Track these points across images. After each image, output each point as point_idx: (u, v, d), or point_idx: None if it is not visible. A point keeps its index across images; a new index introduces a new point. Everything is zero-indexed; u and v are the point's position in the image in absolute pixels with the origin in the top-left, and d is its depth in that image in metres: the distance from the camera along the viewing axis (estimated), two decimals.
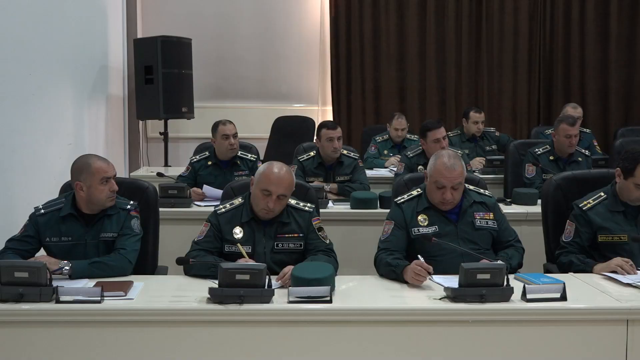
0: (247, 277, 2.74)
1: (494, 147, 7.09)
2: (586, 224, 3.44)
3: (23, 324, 2.74)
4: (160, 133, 7.77)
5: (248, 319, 2.74)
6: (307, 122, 7.69)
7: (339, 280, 3.08)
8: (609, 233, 3.41)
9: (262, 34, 8.45)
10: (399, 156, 6.13)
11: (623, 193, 3.43)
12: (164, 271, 3.61)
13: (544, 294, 2.82)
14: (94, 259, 3.18)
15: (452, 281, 2.88)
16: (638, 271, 3.21)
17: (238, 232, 3.31)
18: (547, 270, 3.60)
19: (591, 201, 3.48)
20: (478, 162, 6.44)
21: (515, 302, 2.80)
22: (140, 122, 8.17)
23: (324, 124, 5.42)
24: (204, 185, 5.01)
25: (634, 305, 2.79)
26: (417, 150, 5.57)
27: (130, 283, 2.97)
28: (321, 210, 4.12)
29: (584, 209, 3.46)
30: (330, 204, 4.86)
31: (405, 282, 3.06)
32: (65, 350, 2.73)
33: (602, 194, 3.50)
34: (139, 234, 3.36)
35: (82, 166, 3.30)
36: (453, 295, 2.79)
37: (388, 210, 3.56)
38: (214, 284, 2.83)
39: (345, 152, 5.42)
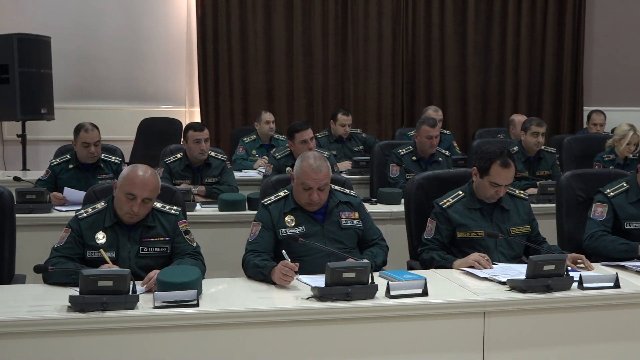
0: (110, 283, 2.66)
1: (360, 148, 7.26)
2: (446, 221, 3.58)
3: None
4: (18, 135, 7.40)
5: (111, 327, 2.66)
6: (174, 123, 7.56)
7: (207, 283, 3.05)
8: (466, 229, 3.56)
9: (126, 32, 8.21)
10: (267, 157, 6.15)
11: (479, 191, 3.60)
12: (21, 280, 3.44)
13: (406, 290, 2.90)
14: None
15: (319, 280, 2.92)
16: (494, 265, 3.37)
17: (101, 237, 3.21)
18: (410, 267, 3.71)
19: (450, 199, 3.62)
20: (347, 165, 6.56)
21: (380, 299, 2.86)
22: None
23: (191, 126, 5.35)
24: (65, 188, 4.82)
25: (489, 298, 2.93)
26: (285, 151, 5.60)
27: None
28: (189, 213, 4.07)
29: (443, 207, 3.60)
30: (198, 206, 4.81)
31: (273, 283, 3.08)
32: None
33: (460, 192, 3.65)
34: None
35: None
36: (320, 295, 2.82)
37: (256, 212, 3.56)
38: (75, 291, 2.72)
39: (213, 153, 5.38)
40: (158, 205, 3.33)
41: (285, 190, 3.52)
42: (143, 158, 6.38)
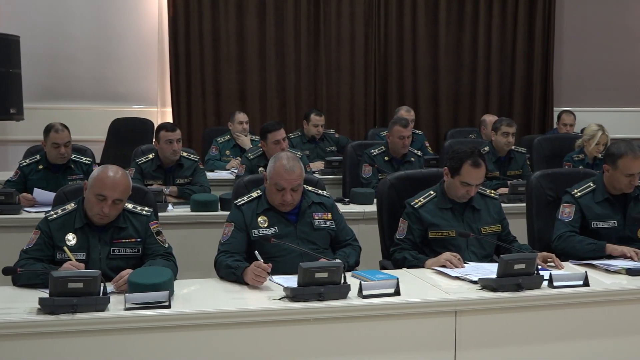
0: (80, 285, 2.63)
1: (333, 148, 7.27)
2: (417, 221, 3.59)
3: None
4: None
5: (82, 329, 2.63)
6: (145, 124, 7.50)
7: (179, 284, 3.04)
8: (438, 229, 3.58)
9: (97, 32, 8.11)
10: (240, 158, 6.14)
11: (450, 191, 3.62)
12: None
13: (378, 290, 2.91)
14: None
15: (292, 281, 2.92)
16: (465, 264, 3.40)
17: (71, 239, 3.17)
18: (382, 267, 3.72)
19: (422, 199, 3.64)
20: (320, 165, 6.57)
21: (352, 299, 2.87)
22: None
23: (163, 126, 5.32)
24: (35, 189, 4.77)
25: (461, 297, 2.95)
26: (257, 152, 5.59)
27: None
28: (161, 214, 4.05)
29: (415, 207, 3.61)
30: (170, 207, 4.78)
31: (246, 284, 3.07)
32: None
33: (432, 192, 3.67)
34: None
35: None
36: (292, 295, 2.82)
37: (229, 213, 3.55)
38: (45, 293, 2.69)
39: (185, 154, 5.35)
40: (129, 206, 3.30)
41: (258, 191, 3.51)
42: (114, 159, 6.33)
